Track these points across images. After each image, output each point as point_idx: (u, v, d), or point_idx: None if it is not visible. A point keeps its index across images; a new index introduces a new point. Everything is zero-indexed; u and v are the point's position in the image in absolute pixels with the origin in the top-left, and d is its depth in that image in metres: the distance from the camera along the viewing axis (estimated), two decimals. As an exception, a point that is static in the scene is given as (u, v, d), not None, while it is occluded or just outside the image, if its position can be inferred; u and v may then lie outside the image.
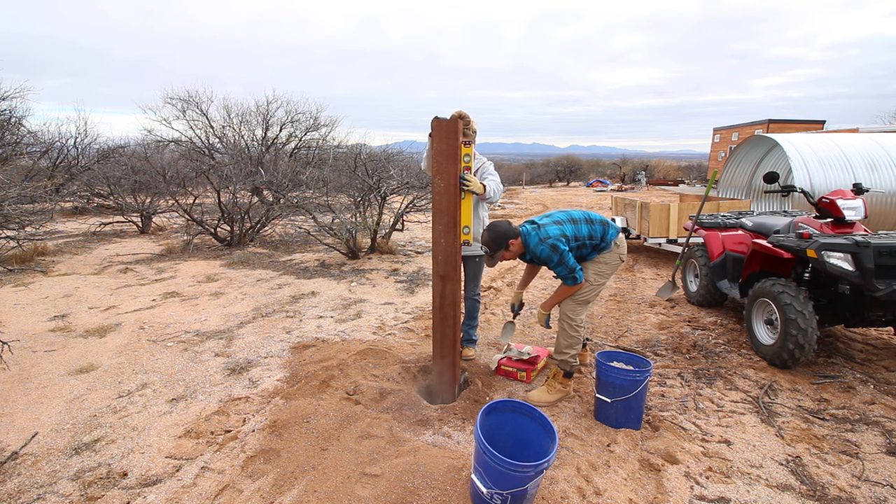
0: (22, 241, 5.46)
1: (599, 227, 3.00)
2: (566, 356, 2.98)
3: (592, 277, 3.00)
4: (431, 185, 2.83)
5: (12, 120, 10.58)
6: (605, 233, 2.99)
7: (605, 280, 3.03)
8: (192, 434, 2.59)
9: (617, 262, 3.05)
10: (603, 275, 3.02)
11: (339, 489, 2.08)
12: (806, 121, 28.70)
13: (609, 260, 3.03)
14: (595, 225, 3.00)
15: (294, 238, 8.76)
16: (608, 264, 3.03)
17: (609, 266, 3.03)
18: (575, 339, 2.96)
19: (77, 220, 10.46)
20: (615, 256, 3.04)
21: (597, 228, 2.99)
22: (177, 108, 15.27)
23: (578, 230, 2.95)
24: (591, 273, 3.00)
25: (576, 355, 2.99)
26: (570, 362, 2.98)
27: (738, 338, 4.05)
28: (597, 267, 3.02)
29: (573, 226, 2.95)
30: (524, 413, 2.15)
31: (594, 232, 2.97)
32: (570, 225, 2.94)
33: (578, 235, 2.94)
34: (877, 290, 3.04)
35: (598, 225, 3.01)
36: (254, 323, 4.36)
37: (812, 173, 8.72)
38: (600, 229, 3.00)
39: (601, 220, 3.03)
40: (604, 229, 3.00)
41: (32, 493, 2.15)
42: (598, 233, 2.97)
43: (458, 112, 3.12)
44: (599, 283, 3.01)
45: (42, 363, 3.46)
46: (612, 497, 2.07)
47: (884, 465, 2.38)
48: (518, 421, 2.16)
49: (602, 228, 3.00)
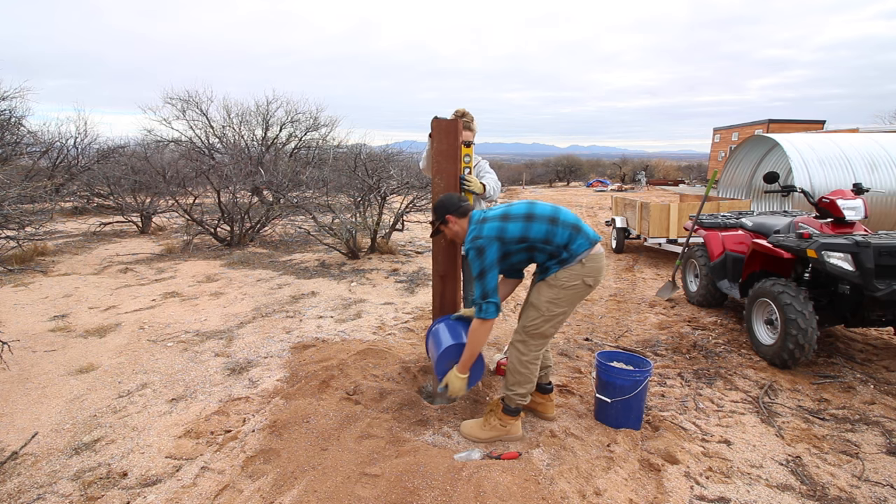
0: (22, 241, 5.46)
1: (565, 230, 2.30)
2: (511, 393, 2.44)
3: (544, 305, 2.33)
4: (431, 185, 2.83)
5: (12, 120, 10.57)
6: (570, 239, 2.29)
7: (561, 311, 2.34)
8: (192, 434, 2.59)
9: (580, 288, 2.31)
10: (558, 303, 2.32)
11: (339, 489, 2.08)
12: (806, 121, 28.70)
13: (568, 282, 2.29)
14: (558, 227, 2.30)
15: (294, 238, 8.76)
16: (566, 288, 2.30)
17: (568, 292, 2.30)
18: (524, 376, 2.41)
19: (77, 220, 10.46)
20: (576, 278, 2.29)
21: (559, 232, 2.29)
22: (177, 108, 15.28)
23: (529, 229, 2.29)
24: (543, 298, 2.33)
25: (526, 395, 2.45)
26: (516, 400, 2.45)
27: (738, 338, 4.05)
28: (552, 292, 2.32)
29: (523, 223, 2.30)
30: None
31: (553, 235, 2.29)
32: (520, 222, 2.30)
33: (527, 236, 2.29)
34: (877, 290, 3.04)
35: (564, 228, 2.30)
36: (254, 323, 4.36)
37: (812, 173, 8.72)
38: (565, 234, 2.29)
39: (572, 224, 2.32)
40: (571, 235, 2.29)
41: (32, 493, 2.15)
42: (561, 238, 2.29)
43: (460, 110, 3.10)
44: (553, 313, 2.33)
45: (42, 363, 3.46)
46: (612, 497, 2.07)
47: (884, 465, 2.38)
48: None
49: (569, 233, 2.29)
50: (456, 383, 2.43)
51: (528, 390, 2.45)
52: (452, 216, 2.47)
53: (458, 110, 3.10)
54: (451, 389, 2.45)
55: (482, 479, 2.07)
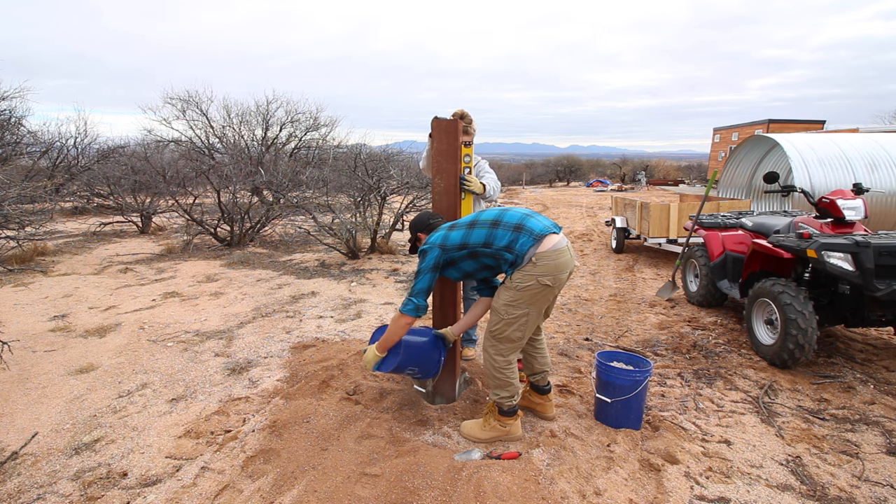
0: (22, 241, 5.46)
1: (506, 231, 2.27)
2: (497, 397, 2.45)
3: (502, 309, 2.31)
4: (431, 185, 2.83)
5: (12, 120, 10.58)
6: (512, 241, 2.25)
7: (521, 312, 2.28)
8: (192, 434, 2.59)
9: (536, 288, 2.22)
10: (517, 305, 2.27)
11: (339, 489, 2.08)
12: (806, 121, 28.70)
13: (522, 283, 2.23)
14: (498, 229, 2.29)
15: (294, 238, 8.76)
16: (521, 290, 2.24)
17: (524, 293, 2.24)
18: (500, 381, 2.41)
19: (77, 220, 10.46)
20: (530, 278, 2.21)
21: (499, 234, 2.27)
22: (177, 108, 15.29)
23: (469, 236, 2.33)
24: (501, 301, 2.33)
25: (511, 397, 2.44)
26: (504, 403, 2.45)
27: (738, 338, 4.05)
28: (508, 294, 2.29)
29: (465, 230, 2.36)
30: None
31: (493, 238, 2.28)
32: (462, 230, 2.37)
33: (466, 243, 2.33)
34: (877, 290, 3.04)
35: (504, 229, 2.28)
36: (254, 323, 4.36)
37: (812, 173, 8.72)
38: (506, 235, 2.26)
39: (514, 224, 2.28)
40: (512, 235, 2.25)
41: (32, 493, 2.15)
42: (501, 240, 2.26)
43: (459, 111, 3.11)
44: (512, 316, 2.29)
45: (42, 363, 3.46)
46: (612, 497, 2.07)
47: (884, 465, 2.38)
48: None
49: (510, 235, 2.26)
50: (368, 354, 2.53)
51: (512, 393, 2.44)
52: (423, 234, 2.62)
53: (458, 111, 3.10)
54: (366, 357, 2.54)
55: (482, 479, 2.07)
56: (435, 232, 2.49)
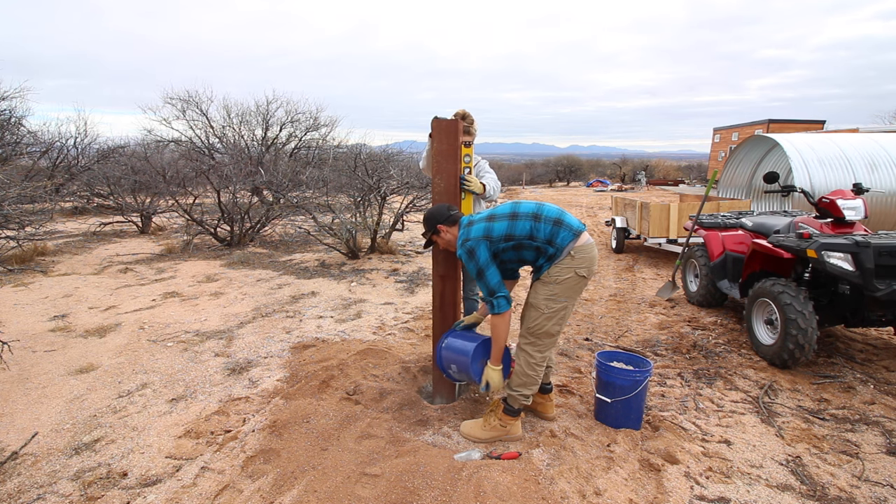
0: (22, 241, 5.46)
1: (547, 225, 2.32)
2: (516, 394, 2.45)
3: (543, 303, 2.35)
4: (431, 185, 2.83)
5: (12, 120, 10.57)
6: (553, 234, 2.31)
7: (560, 306, 2.34)
8: (192, 434, 2.59)
9: (574, 280, 2.32)
10: (556, 299, 2.33)
11: (339, 489, 2.08)
12: (806, 121, 28.70)
13: (561, 276, 2.31)
14: (541, 223, 2.33)
15: (294, 238, 8.76)
16: (560, 283, 2.32)
17: (563, 286, 2.32)
18: (531, 378, 2.43)
19: (77, 220, 10.46)
20: (568, 270, 2.30)
21: (542, 227, 2.32)
22: (177, 108, 15.29)
23: (514, 227, 2.34)
24: (541, 296, 2.36)
25: (529, 396, 2.47)
26: (520, 400, 2.46)
27: (738, 338, 4.05)
28: (547, 289, 2.34)
29: (508, 222, 2.34)
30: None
31: (536, 231, 2.32)
32: (505, 221, 2.35)
33: (512, 234, 2.33)
34: (877, 290, 3.04)
35: (546, 223, 2.33)
36: (254, 323, 4.36)
37: (812, 173, 8.72)
38: (547, 229, 2.32)
39: (554, 219, 2.34)
40: (553, 229, 2.32)
41: (32, 493, 2.15)
42: (544, 233, 2.31)
43: (461, 111, 3.11)
44: (553, 309, 2.34)
45: (42, 363, 3.46)
46: (612, 497, 2.07)
47: (884, 465, 2.38)
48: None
49: (551, 228, 2.32)
50: (495, 377, 2.45)
51: (533, 391, 2.47)
52: (443, 225, 2.54)
53: (459, 111, 3.10)
54: (492, 385, 2.46)
55: (482, 479, 2.07)
56: (472, 226, 2.41)
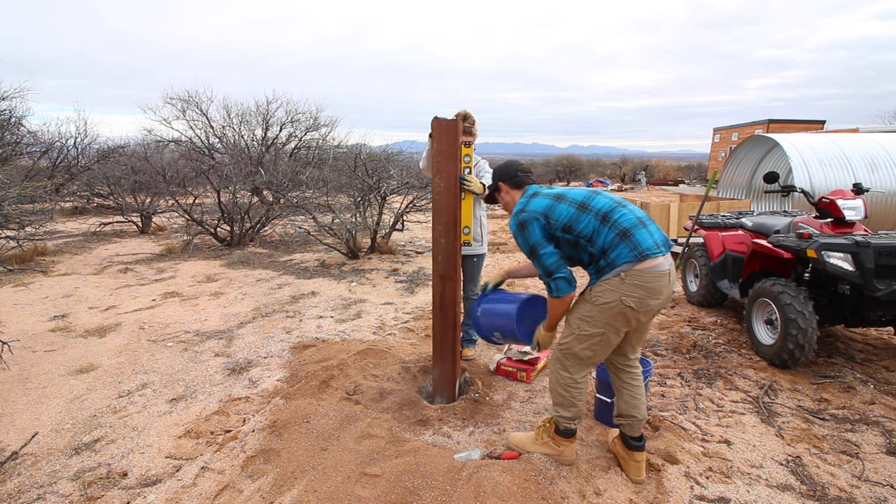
0: (22, 241, 5.46)
1: (612, 232, 1.93)
2: (556, 414, 2.22)
3: (575, 322, 2.06)
4: (431, 185, 2.83)
5: (12, 120, 10.57)
6: (611, 246, 1.92)
7: (595, 331, 2.00)
8: (192, 434, 2.59)
9: (617, 307, 1.92)
10: (591, 322, 2.00)
11: (339, 489, 2.08)
12: (806, 121, 28.69)
13: (601, 297, 1.94)
14: (606, 226, 1.94)
15: (294, 238, 8.76)
16: (599, 305, 1.96)
17: (601, 310, 1.95)
18: (565, 399, 2.16)
19: (77, 220, 10.46)
20: (612, 294, 1.92)
21: (605, 232, 1.94)
22: (177, 108, 15.28)
23: (578, 220, 1.99)
24: (576, 314, 2.07)
25: (573, 419, 2.19)
26: (562, 422, 2.21)
27: (738, 338, 4.05)
28: (585, 308, 2.03)
29: (575, 211, 2.01)
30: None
31: (598, 235, 1.95)
32: (572, 208, 2.02)
33: (573, 227, 1.99)
34: (877, 290, 3.04)
35: (612, 229, 1.93)
36: (254, 323, 4.36)
37: (812, 173, 8.72)
38: (609, 236, 1.93)
39: (624, 228, 1.92)
40: (614, 240, 1.92)
41: (32, 493, 2.15)
42: (604, 241, 1.94)
43: (462, 112, 3.11)
44: (584, 332, 2.02)
45: (42, 363, 3.46)
46: (612, 497, 2.07)
47: (884, 465, 2.38)
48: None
49: (613, 237, 1.92)
50: (546, 339, 2.28)
51: (574, 414, 2.18)
52: (505, 185, 2.29)
53: (461, 112, 3.10)
54: (542, 345, 2.30)
55: (482, 479, 2.07)
56: (534, 198, 2.11)
